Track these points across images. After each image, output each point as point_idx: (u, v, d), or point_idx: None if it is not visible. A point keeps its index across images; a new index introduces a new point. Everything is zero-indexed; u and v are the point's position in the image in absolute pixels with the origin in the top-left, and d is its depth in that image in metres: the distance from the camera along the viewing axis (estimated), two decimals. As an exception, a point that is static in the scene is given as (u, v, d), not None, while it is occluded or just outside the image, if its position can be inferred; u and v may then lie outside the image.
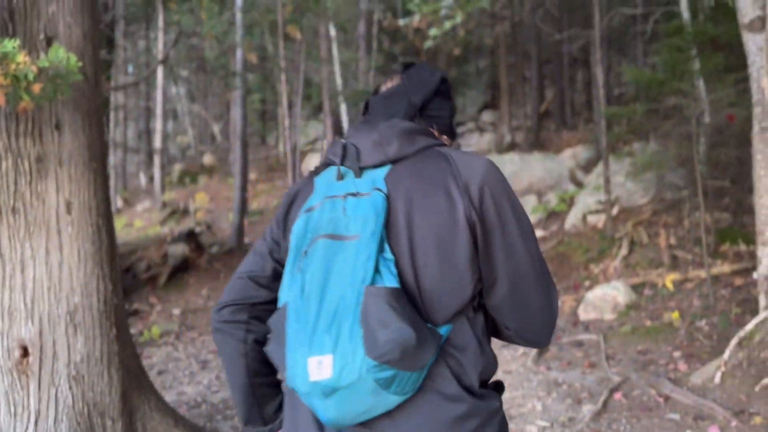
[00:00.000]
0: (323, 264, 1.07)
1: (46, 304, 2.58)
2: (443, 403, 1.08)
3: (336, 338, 1.01)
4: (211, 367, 4.73)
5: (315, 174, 1.23)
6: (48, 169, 2.59)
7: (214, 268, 8.36)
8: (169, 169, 16.54)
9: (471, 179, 1.13)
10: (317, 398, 1.03)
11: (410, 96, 1.29)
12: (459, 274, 1.11)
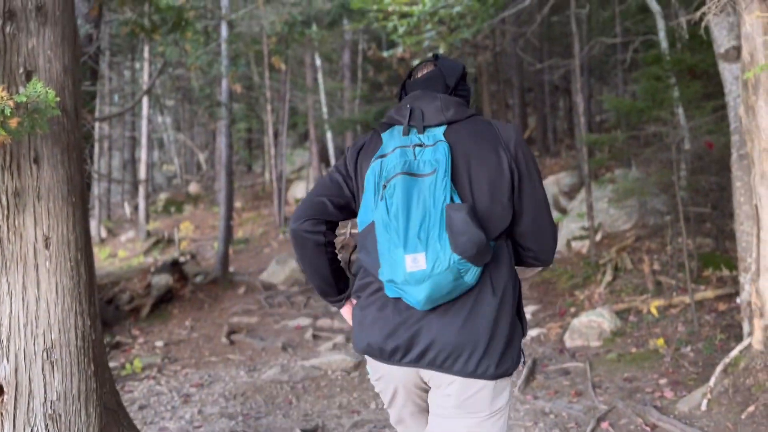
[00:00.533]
0: (404, 193, 1.53)
1: (22, 341, 2.53)
2: (490, 290, 1.59)
3: (426, 241, 1.48)
4: (194, 401, 4.64)
5: (381, 130, 1.71)
6: (26, 204, 2.56)
7: (198, 298, 8.27)
8: (154, 198, 16.45)
9: (510, 140, 1.66)
10: (412, 285, 1.50)
11: (446, 79, 1.79)
12: (502, 206, 1.61)
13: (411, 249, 1.49)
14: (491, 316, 1.58)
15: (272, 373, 5.26)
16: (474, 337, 1.57)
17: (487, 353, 1.58)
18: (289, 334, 6.77)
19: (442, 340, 1.57)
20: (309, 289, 8.92)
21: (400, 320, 1.60)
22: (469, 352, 1.57)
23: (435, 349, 1.58)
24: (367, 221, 1.63)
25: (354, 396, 4.62)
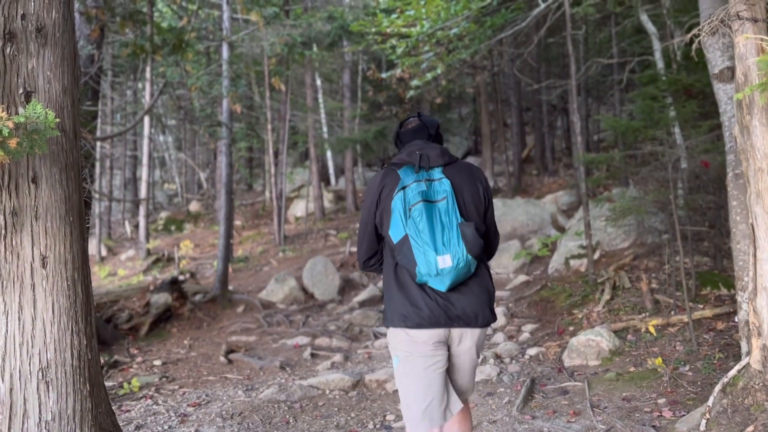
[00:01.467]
0: (427, 214, 2.35)
1: (18, 361, 2.54)
2: (485, 274, 2.49)
3: (449, 247, 2.31)
4: (191, 421, 4.61)
5: (396, 168, 2.51)
6: (23, 223, 2.58)
7: (197, 317, 8.26)
8: (155, 216, 16.48)
9: (482, 178, 2.58)
10: (442, 278, 2.31)
11: (429, 129, 2.67)
12: (481, 219, 2.52)
13: (440, 252, 2.32)
14: (486, 290, 2.50)
15: (270, 393, 5.24)
16: (481, 305, 2.46)
17: (488, 312, 2.49)
18: (287, 353, 6.75)
19: (467, 310, 2.42)
20: (308, 308, 8.91)
21: (431, 302, 2.40)
22: (481, 314, 2.46)
23: (464, 314, 2.42)
24: (400, 235, 2.39)
25: (352, 416, 4.59)
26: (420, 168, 2.47)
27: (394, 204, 2.41)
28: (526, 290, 7.70)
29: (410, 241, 2.34)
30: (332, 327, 7.73)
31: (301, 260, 11.58)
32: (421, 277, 2.35)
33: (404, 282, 2.44)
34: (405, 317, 2.41)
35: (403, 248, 2.36)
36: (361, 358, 6.32)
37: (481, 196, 2.53)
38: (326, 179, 17.49)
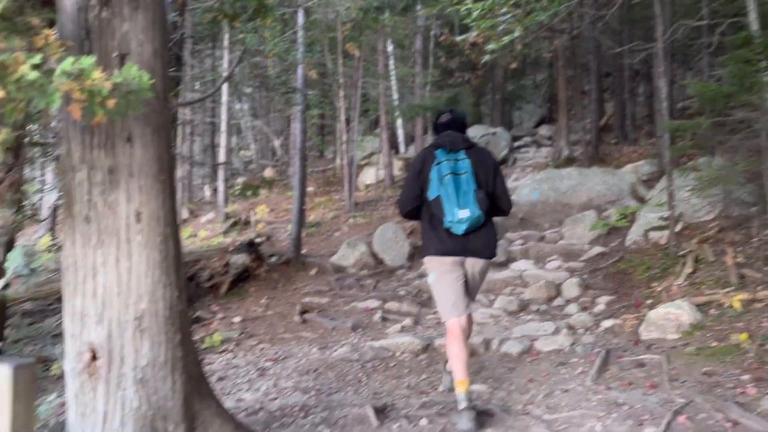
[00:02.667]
0: (453, 183, 3.56)
1: (115, 310, 2.71)
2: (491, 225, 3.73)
3: (467, 205, 3.52)
4: (269, 375, 4.83)
5: (434, 150, 3.74)
6: (119, 181, 2.73)
7: (272, 278, 8.54)
8: (232, 182, 17.00)
9: (492, 159, 3.84)
10: (461, 225, 3.54)
11: (457, 122, 3.89)
12: (492, 187, 3.71)
13: (461, 207, 3.54)
14: (491, 234, 3.73)
15: (343, 352, 5.39)
16: (486, 245, 3.70)
17: (494, 249, 3.76)
18: (358, 315, 6.89)
19: (476, 246, 3.67)
20: (378, 273, 9.03)
21: (454, 239, 3.64)
22: (486, 250, 3.71)
23: (475, 249, 3.67)
24: (435, 195, 3.62)
25: (422, 378, 4.67)
26: (449, 150, 3.71)
27: (432, 174, 3.66)
28: (601, 262, 7.51)
29: (442, 200, 3.59)
30: (402, 292, 7.82)
31: (371, 226, 11.71)
32: (448, 223, 3.59)
33: (436, 226, 3.68)
34: (436, 248, 3.70)
35: (437, 204, 3.61)
36: (431, 323, 6.38)
37: (491, 171, 3.74)
38: (396, 147, 17.49)
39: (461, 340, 3.63)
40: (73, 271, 2.73)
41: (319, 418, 3.84)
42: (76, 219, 2.72)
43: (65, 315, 2.78)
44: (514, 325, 5.91)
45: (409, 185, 3.78)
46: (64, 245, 2.80)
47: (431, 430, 3.59)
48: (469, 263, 3.69)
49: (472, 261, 3.69)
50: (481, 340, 5.28)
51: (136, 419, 2.68)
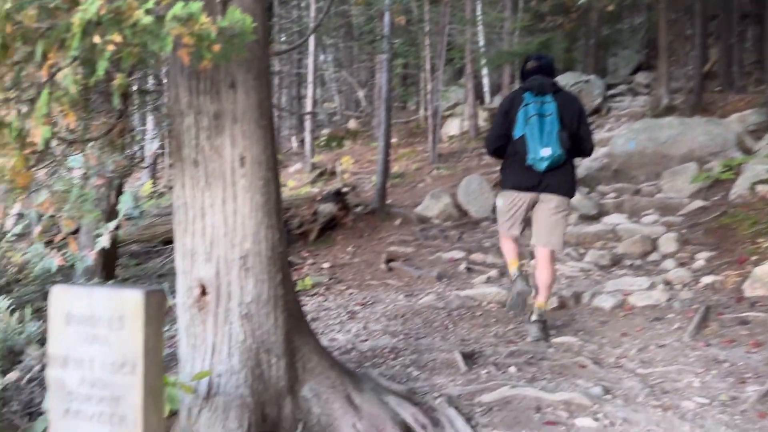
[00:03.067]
0: (538, 123, 3.92)
1: (222, 249, 2.86)
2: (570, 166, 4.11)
3: (548, 144, 3.89)
4: (359, 318, 4.98)
5: (522, 93, 4.09)
6: (224, 126, 2.83)
7: (358, 227, 8.70)
8: (317, 133, 17.25)
9: (578, 103, 4.17)
10: (542, 162, 3.92)
11: (545, 69, 4.17)
12: (576, 129, 4.04)
13: (544, 146, 3.89)
14: (570, 174, 4.10)
15: (429, 299, 5.46)
16: (563, 183, 4.05)
17: (569, 187, 4.09)
18: (443, 266, 6.93)
19: (554, 183, 4.03)
20: (462, 224, 9.00)
21: (532, 175, 4.03)
22: (562, 187, 4.05)
23: (552, 185, 4.03)
24: (520, 134, 4.01)
25: (509, 328, 4.67)
26: (537, 94, 4.00)
27: (519, 115, 4.01)
28: (702, 216, 7.12)
29: (526, 139, 3.96)
30: (487, 244, 7.76)
31: (454, 178, 11.61)
32: (530, 160, 3.96)
33: (518, 163, 4.05)
34: (513, 183, 4.17)
35: (521, 143, 3.99)
36: (518, 274, 6.31)
37: (576, 114, 4.06)
38: (481, 97, 17.07)
39: (512, 241, 4.39)
40: (183, 211, 2.89)
41: (409, 360, 3.94)
42: (185, 162, 2.85)
43: (177, 253, 2.95)
44: (606, 280, 5.75)
45: (497, 125, 4.22)
46: (174, 187, 2.96)
47: (520, 377, 3.61)
48: (544, 198, 4.09)
49: (547, 197, 4.08)
50: (571, 293, 5.19)
51: (241, 351, 2.84)
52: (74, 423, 1.37)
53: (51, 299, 1.40)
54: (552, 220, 4.10)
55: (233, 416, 2.73)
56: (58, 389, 1.40)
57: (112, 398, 1.32)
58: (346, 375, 3.16)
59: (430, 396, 3.30)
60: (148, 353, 1.35)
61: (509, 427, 2.95)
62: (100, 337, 1.33)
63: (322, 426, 2.95)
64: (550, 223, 4.11)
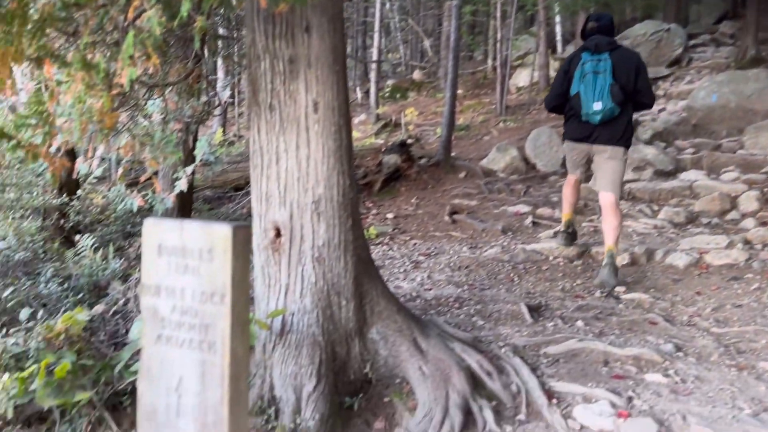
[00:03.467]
0: (593, 80, 4.30)
1: (296, 193, 2.92)
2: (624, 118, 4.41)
3: (601, 98, 4.27)
4: (423, 268, 5.01)
5: (581, 52, 4.46)
6: (299, 70, 2.85)
7: (422, 179, 8.68)
8: (381, 84, 17.12)
9: (636, 59, 4.41)
10: (595, 115, 4.33)
11: (604, 28, 4.50)
12: (634, 83, 4.33)
13: (596, 100, 4.28)
14: (623, 126, 4.39)
15: (493, 252, 5.43)
16: (616, 134, 4.39)
17: (620, 138, 4.40)
18: (508, 219, 6.85)
19: (606, 135, 4.40)
20: (529, 178, 8.83)
21: (587, 128, 4.44)
22: (615, 138, 4.40)
23: (605, 136, 4.41)
24: (575, 92, 4.39)
25: (577, 282, 4.60)
26: (594, 52, 4.35)
27: (576, 73, 4.40)
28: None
29: (580, 95, 4.36)
30: (554, 198, 7.60)
31: (521, 131, 11.33)
32: (584, 115, 4.39)
33: (575, 117, 4.50)
34: (571, 135, 4.65)
35: (577, 99, 4.40)
36: (586, 230, 6.18)
37: (633, 70, 4.33)
38: (553, 46, 16.43)
39: (573, 188, 4.97)
40: (259, 156, 2.95)
41: (473, 310, 3.96)
42: (261, 107, 2.90)
43: (253, 196, 3.04)
44: (681, 238, 5.55)
45: (556, 83, 4.65)
46: (251, 132, 3.01)
47: (587, 331, 3.57)
48: (599, 149, 4.50)
49: (600, 147, 4.48)
50: (644, 250, 5.04)
51: (313, 293, 2.93)
52: (166, 348, 1.45)
53: (144, 231, 1.46)
54: (607, 167, 4.48)
55: (305, 353, 2.83)
56: (151, 316, 1.48)
57: (202, 326, 1.38)
58: (412, 320, 3.21)
59: (495, 345, 3.32)
60: (236, 285, 1.40)
61: (576, 379, 2.94)
62: (190, 268, 1.39)
63: (389, 367, 3.03)
64: (605, 170, 4.49)
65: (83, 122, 2.23)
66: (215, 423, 1.38)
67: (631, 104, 4.41)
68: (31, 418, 2.89)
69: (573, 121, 4.55)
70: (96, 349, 3.25)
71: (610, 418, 2.55)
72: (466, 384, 2.87)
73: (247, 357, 1.46)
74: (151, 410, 1.47)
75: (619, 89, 4.24)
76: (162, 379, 1.46)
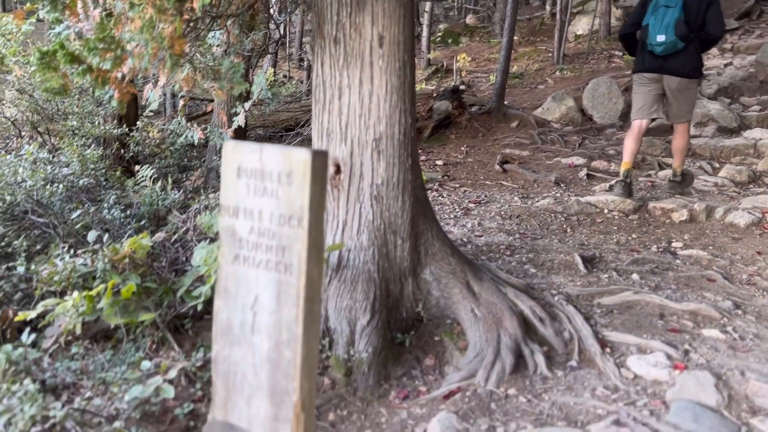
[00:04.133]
0: (663, 13, 4.72)
1: (357, 130, 2.90)
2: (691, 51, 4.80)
3: (665, 31, 4.69)
4: (473, 215, 4.98)
5: None
6: (365, 2, 2.78)
7: (473, 127, 8.54)
8: (433, 29, 16.71)
9: None
10: (658, 47, 4.77)
11: None
12: (701, 18, 4.70)
13: (660, 33, 4.71)
14: (689, 58, 4.79)
15: (546, 203, 5.35)
16: (682, 65, 4.81)
17: (689, 69, 4.82)
18: (561, 171, 6.71)
19: (672, 66, 4.83)
20: (584, 130, 8.59)
21: (655, 59, 4.89)
22: (682, 69, 4.81)
23: (671, 68, 4.83)
24: (645, 23, 4.82)
25: (633, 236, 4.51)
26: None
27: (650, 6, 4.80)
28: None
29: (649, 27, 4.76)
30: (611, 151, 7.40)
31: (578, 81, 10.97)
32: (650, 46, 4.81)
33: (644, 48, 4.91)
34: (639, 66, 5.02)
35: (645, 31, 4.80)
36: (643, 185, 6.02)
37: (704, 5, 4.67)
38: (615, -6, 15.66)
39: (636, 137, 5.09)
40: (321, 90, 2.93)
41: (525, 258, 3.93)
42: (326, 40, 2.86)
43: (313, 130, 3.04)
44: (742, 196, 5.36)
45: (634, 14, 5.08)
46: (314, 65, 2.99)
47: (643, 285, 3.51)
48: (667, 80, 4.92)
49: (669, 78, 4.90)
50: (703, 207, 4.89)
51: (370, 230, 2.94)
52: (242, 268, 1.47)
53: (224, 153, 1.48)
54: (678, 97, 4.94)
55: (360, 288, 2.87)
56: (229, 236, 1.50)
57: (279, 247, 1.40)
58: (465, 263, 3.22)
59: (547, 293, 3.30)
60: (313, 209, 1.40)
61: (630, 330, 2.91)
62: (269, 191, 1.40)
63: (441, 308, 3.05)
64: (675, 100, 4.96)
65: (154, 47, 2.24)
66: (289, 341, 1.41)
67: (697, 39, 4.76)
68: (97, 335, 3.03)
69: (643, 53, 4.95)
70: (157, 274, 3.36)
71: (666, 369, 2.53)
72: (518, 328, 2.88)
73: (320, 279, 1.48)
74: (226, 326, 1.51)
75: (685, 24, 4.62)
76: (238, 297, 1.50)
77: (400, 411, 2.51)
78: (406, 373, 2.77)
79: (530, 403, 2.45)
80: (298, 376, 1.37)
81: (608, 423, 2.18)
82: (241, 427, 1.48)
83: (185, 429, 2.39)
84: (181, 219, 3.88)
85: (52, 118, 5.63)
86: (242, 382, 1.47)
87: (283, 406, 1.42)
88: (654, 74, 4.92)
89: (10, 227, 3.57)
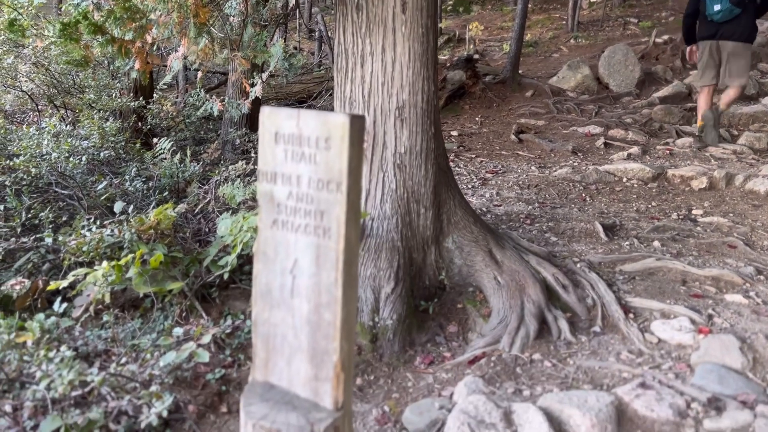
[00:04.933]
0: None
1: (380, 98, 2.89)
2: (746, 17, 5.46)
3: (720, 2, 5.41)
4: (491, 185, 4.98)
5: None
6: (388, -31, 2.75)
7: (487, 97, 8.47)
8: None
9: None
10: (716, 15, 5.47)
11: None
12: None
13: (717, 3, 5.41)
14: (744, 24, 5.43)
15: (563, 172, 5.33)
16: (737, 30, 5.46)
17: (744, 33, 5.46)
18: (578, 140, 6.67)
19: (727, 32, 5.50)
20: (600, 99, 8.50)
21: (712, 26, 5.56)
22: (736, 33, 5.46)
23: (726, 33, 5.50)
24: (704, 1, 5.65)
25: (652, 204, 4.50)
26: None
27: None
28: None
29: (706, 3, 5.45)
30: (628, 120, 7.33)
31: (594, 49, 10.82)
32: (708, 15, 5.42)
33: (704, 17, 5.50)
34: (700, 35, 5.63)
35: (704, 2, 5.45)
36: (661, 153, 5.97)
37: None
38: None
39: (708, 96, 5.77)
40: (344, 58, 2.92)
41: (546, 226, 3.94)
42: (348, 6, 2.84)
43: (336, 99, 3.03)
44: (762, 164, 5.31)
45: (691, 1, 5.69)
46: (336, 33, 2.97)
47: (664, 251, 3.51)
48: (722, 45, 5.51)
49: (724, 43, 5.50)
50: (723, 174, 4.85)
51: (393, 199, 2.96)
52: (281, 233, 1.49)
53: (261, 119, 1.49)
54: (731, 61, 5.50)
55: (384, 257, 2.90)
56: (267, 202, 1.52)
57: (317, 212, 1.41)
58: (487, 231, 3.23)
59: (569, 260, 3.32)
60: (351, 173, 1.41)
61: (653, 296, 2.93)
62: (306, 156, 1.40)
63: (463, 276, 3.07)
64: (730, 63, 5.52)
65: (180, 15, 2.24)
66: (329, 303, 1.43)
67: (753, 4, 5.36)
68: (125, 304, 3.09)
69: (703, 22, 5.61)
70: (181, 244, 3.40)
71: (690, 333, 2.54)
72: (541, 295, 2.90)
73: (358, 243, 1.50)
74: (266, 290, 1.53)
75: None
76: (277, 261, 1.52)
77: (426, 376, 2.55)
78: (430, 340, 2.81)
79: (555, 367, 2.48)
80: (338, 337, 1.39)
81: (634, 385, 2.21)
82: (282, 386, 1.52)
83: (217, 393, 2.45)
84: (202, 190, 3.91)
85: (69, 91, 5.64)
86: (282, 343, 1.50)
87: (324, 366, 1.45)
88: (711, 40, 5.55)
89: (36, 199, 3.62)
